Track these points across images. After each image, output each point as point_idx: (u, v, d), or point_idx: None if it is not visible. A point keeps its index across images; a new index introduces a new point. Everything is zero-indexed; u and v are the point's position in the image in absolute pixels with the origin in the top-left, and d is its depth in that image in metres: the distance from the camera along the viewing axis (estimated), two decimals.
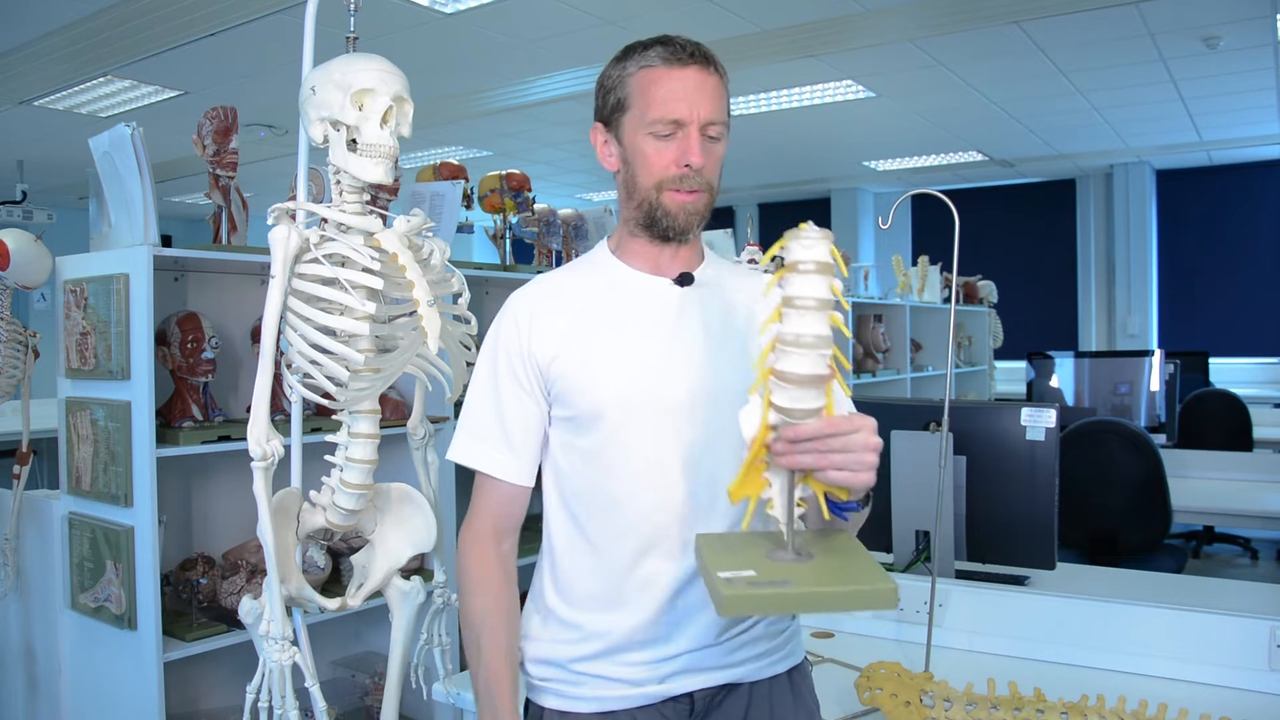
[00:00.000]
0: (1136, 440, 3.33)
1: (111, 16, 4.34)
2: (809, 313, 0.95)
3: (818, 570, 1.02)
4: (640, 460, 1.20)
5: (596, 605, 1.23)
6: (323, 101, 1.34)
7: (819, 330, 0.95)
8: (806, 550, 1.05)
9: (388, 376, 1.45)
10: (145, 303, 2.01)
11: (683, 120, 1.18)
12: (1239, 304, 8.27)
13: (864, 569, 1.02)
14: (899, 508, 2.12)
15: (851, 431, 0.97)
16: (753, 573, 1.00)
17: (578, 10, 4.35)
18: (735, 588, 0.97)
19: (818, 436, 0.96)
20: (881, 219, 1.63)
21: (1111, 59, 5.30)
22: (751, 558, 1.04)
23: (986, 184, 9.22)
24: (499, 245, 3.15)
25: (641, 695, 1.22)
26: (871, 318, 5.52)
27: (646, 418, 1.19)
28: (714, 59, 1.23)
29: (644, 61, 1.21)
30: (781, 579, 0.98)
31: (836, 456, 0.97)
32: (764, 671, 1.27)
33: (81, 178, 2.52)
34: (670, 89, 1.19)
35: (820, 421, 0.97)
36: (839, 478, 0.98)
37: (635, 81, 1.21)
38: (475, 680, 1.23)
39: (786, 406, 0.97)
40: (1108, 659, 1.75)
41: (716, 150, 1.22)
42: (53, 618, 2.33)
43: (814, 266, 0.96)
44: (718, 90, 1.22)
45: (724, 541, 1.11)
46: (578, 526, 1.24)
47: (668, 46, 1.21)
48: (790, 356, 0.96)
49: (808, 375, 0.96)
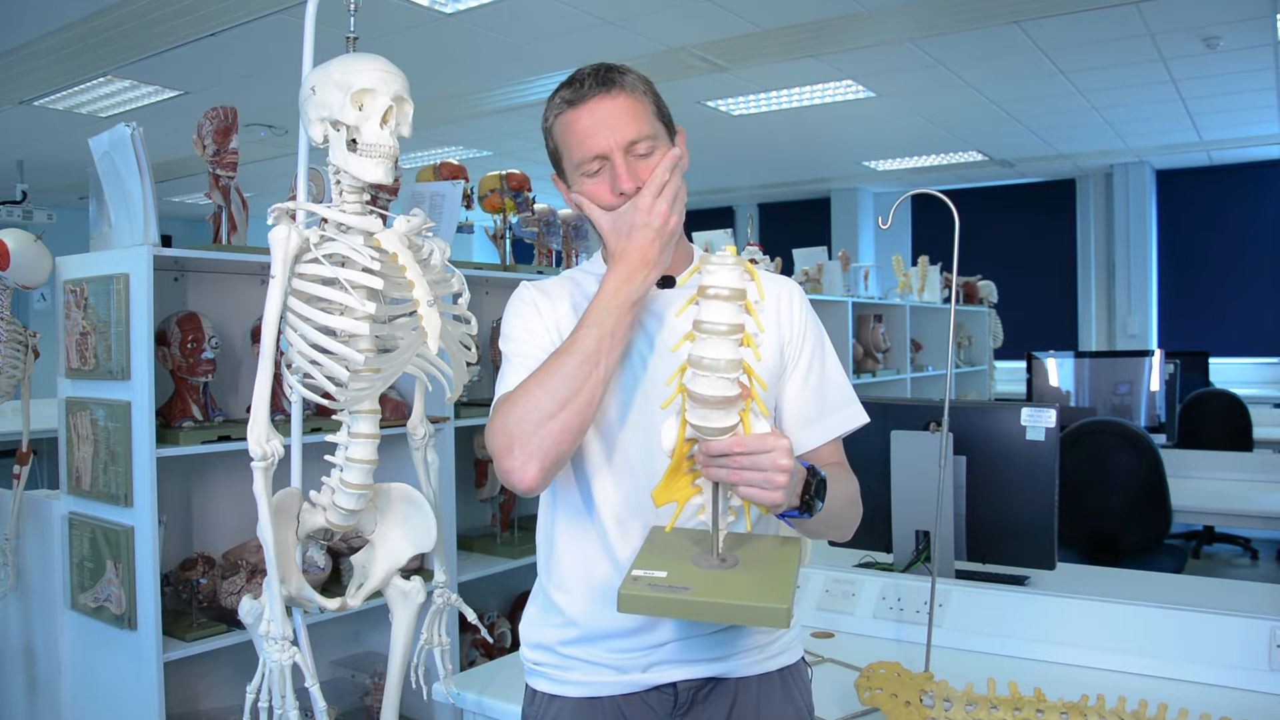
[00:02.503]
0: (1136, 440, 3.33)
1: (111, 16, 4.34)
2: (717, 338, 1.01)
3: (724, 581, 1.05)
4: (618, 456, 1.22)
5: (584, 590, 1.25)
6: (323, 101, 1.34)
7: (728, 355, 1.01)
8: (735, 558, 1.09)
9: (388, 376, 1.45)
10: (145, 303, 2.01)
11: (603, 152, 1.20)
12: (1239, 304, 8.26)
13: (771, 586, 1.04)
14: (899, 508, 2.12)
15: (761, 452, 1.01)
16: (664, 574, 1.04)
17: (577, 10, 4.35)
18: (634, 587, 1.02)
19: (729, 454, 1.02)
20: (881, 219, 1.63)
21: (1111, 59, 5.30)
22: (678, 559, 1.08)
23: (986, 184, 9.22)
24: (499, 245, 3.15)
25: (626, 683, 1.24)
26: (871, 318, 5.52)
27: (624, 412, 1.22)
28: (615, 78, 1.22)
29: (556, 110, 1.25)
30: (684, 585, 1.02)
31: (747, 474, 1.02)
32: (752, 668, 1.27)
33: (81, 178, 2.52)
34: (582, 127, 1.21)
35: (731, 439, 1.02)
36: (750, 494, 1.03)
37: (557, 131, 1.25)
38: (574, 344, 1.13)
39: (698, 424, 1.03)
40: (1108, 659, 1.75)
41: (653, 162, 1.21)
42: (53, 618, 2.33)
43: (726, 293, 1.01)
44: (629, 108, 1.21)
45: (668, 539, 1.14)
46: (565, 514, 1.27)
47: (570, 87, 1.24)
48: (700, 379, 1.01)
49: (716, 397, 1.01)
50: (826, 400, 1.30)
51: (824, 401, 1.29)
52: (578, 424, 1.11)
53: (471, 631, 2.91)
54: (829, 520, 1.20)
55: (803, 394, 1.29)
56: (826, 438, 1.29)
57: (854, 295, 5.38)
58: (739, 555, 1.10)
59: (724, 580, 1.04)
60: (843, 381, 1.33)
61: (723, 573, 1.06)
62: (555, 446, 1.10)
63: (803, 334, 1.30)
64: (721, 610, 1.02)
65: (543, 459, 1.10)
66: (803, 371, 1.29)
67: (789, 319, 1.29)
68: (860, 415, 1.32)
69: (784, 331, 1.29)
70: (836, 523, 1.24)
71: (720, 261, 1.01)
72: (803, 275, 5.23)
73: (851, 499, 1.27)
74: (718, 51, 4.93)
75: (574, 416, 1.10)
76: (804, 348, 1.30)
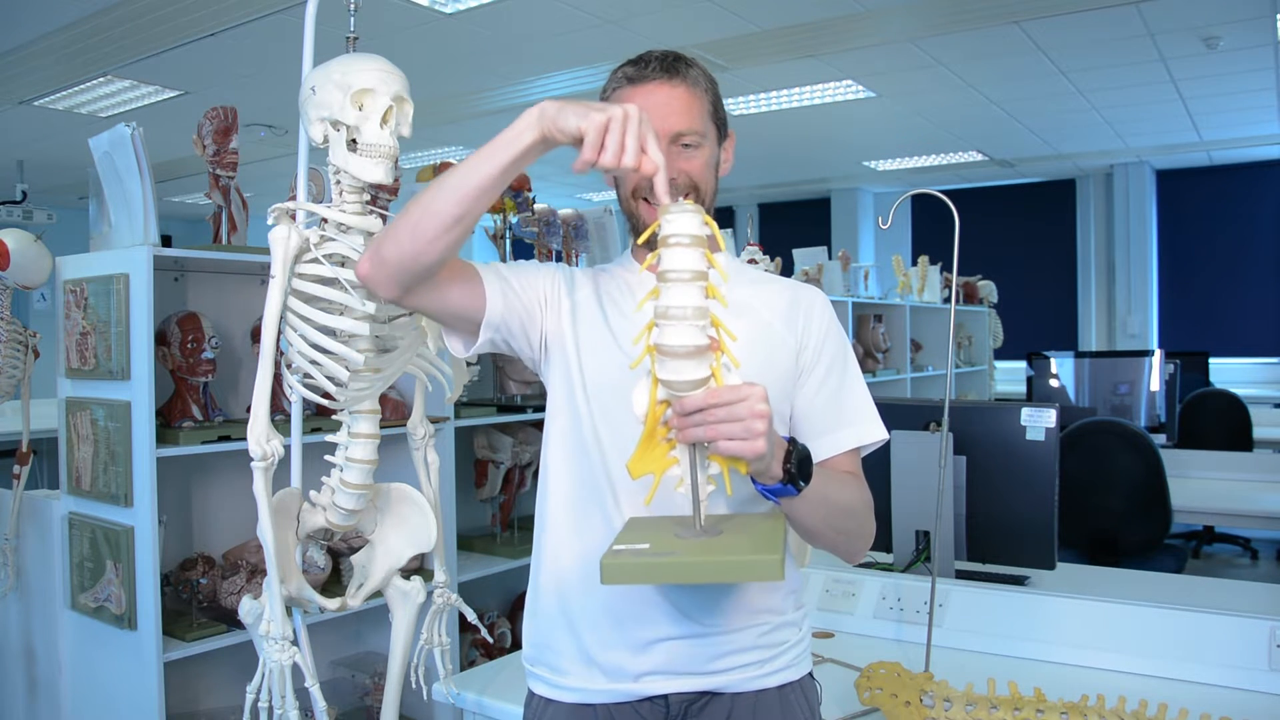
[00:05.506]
0: (1136, 440, 3.33)
1: (111, 16, 4.34)
2: (682, 284, 0.98)
3: (710, 544, 1.02)
4: (625, 443, 1.19)
5: (577, 582, 1.24)
6: (323, 101, 1.34)
7: (694, 301, 0.98)
8: (717, 530, 1.06)
9: (388, 377, 1.45)
10: (145, 303, 2.00)
11: None
12: (1239, 304, 8.26)
13: (757, 543, 1.02)
14: (899, 508, 2.12)
15: (737, 400, 0.98)
16: (647, 546, 1.01)
17: (577, 10, 4.35)
18: (617, 557, 0.99)
19: (705, 407, 0.98)
20: (881, 219, 1.63)
21: (1111, 59, 5.30)
22: (659, 534, 1.05)
23: (986, 184, 9.22)
24: (499, 245, 3.15)
25: (619, 691, 1.22)
26: (871, 318, 5.52)
27: (624, 402, 1.18)
28: (681, 69, 1.24)
29: (615, 83, 1.26)
30: (669, 550, 1.00)
31: (724, 426, 0.98)
32: (750, 684, 1.23)
33: (81, 178, 2.52)
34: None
35: (706, 392, 0.99)
36: (731, 448, 0.99)
37: (613, 103, 1.23)
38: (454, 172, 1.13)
39: (670, 379, 0.99)
40: (1108, 659, 1.75)
41: (696, 158, 1.23)
42: (53, 618, 2.33)
43: (686, 240, 0.99)
44: (686, 100, 1.23)
45: (648, 523, 1.12)
46: (561, 507, 1.26)
47: (634, 65, 1.24)
48: (668, 329, 0.98)
49: (687, 346, 0.98)
50: (844, 411, 1.26)
51: (841, 413, 1.26)
52: (417, 222, 1.10)
53: (471, 631, 2.91)
54: (828, 518, 1.16)
55: (816, 401, 1.25)
56: (839, 449, 1.25)
57: (854, 295, 5.38)
58: (722, 527, 1.06)
59: (709, 544, 1.02)
60: (864, 397, 1.28)
61: (707, 540, 1.03)
62: (392, 236, 1.12)
63: (822, 341, 1.27)
64: (711, 569, 1.00)
65: (376, 247, 1.14)
66: (819, 378, 1.26)
67: (807, 323, 1.27)
68: (879, 432, 1.27)
69: (802, 336, 1.26)
70: (839, 524, 1.20)
71: (679, 210, 1.00)
72: (803, 275, 5.23)
73: (853, 505, 1.22)
74: (718, 51, 4.93)
75: (416, 215, 1.11)
76: (822, 354, 1.26)
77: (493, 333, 1.23)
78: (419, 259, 1.12)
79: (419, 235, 1.10)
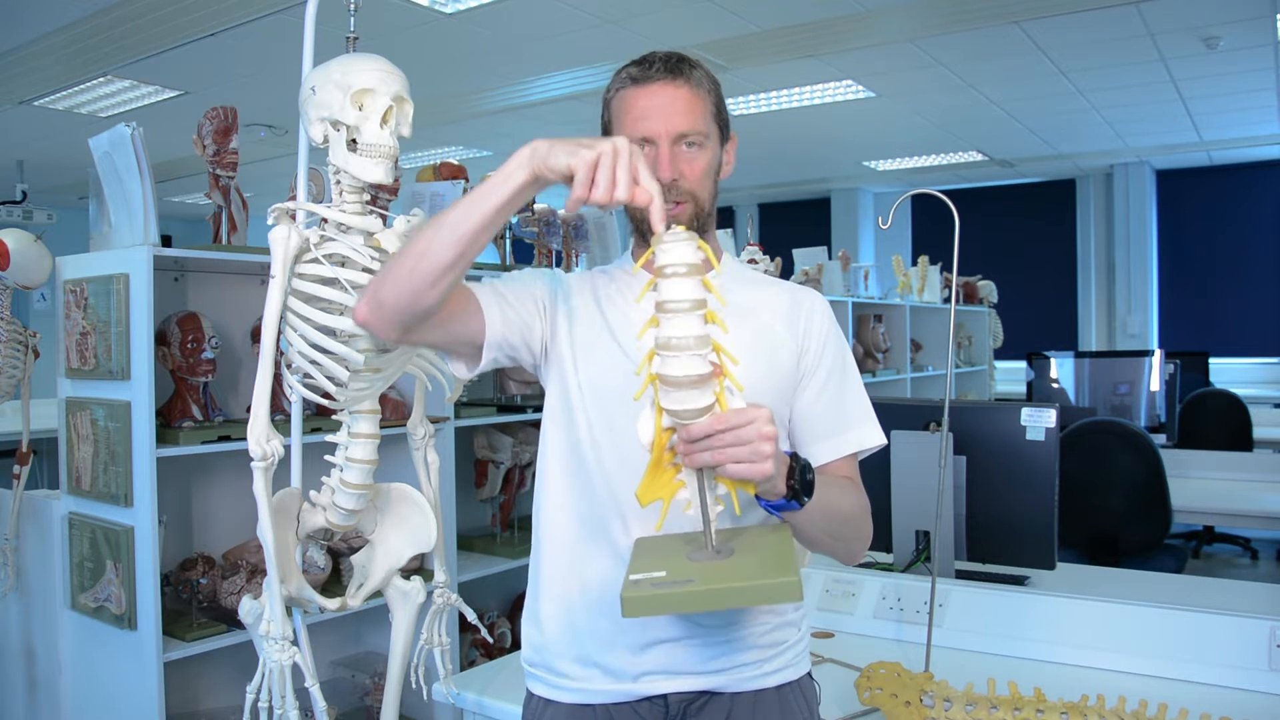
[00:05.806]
0: (1136, 440, 3.33)
1: (111, 16, 4.34)
2: (682, 315, 0.98)
3: (726, 567, 1.02)
4: (623, 446, 1.20)
5: (576, 584, 1.24)
6: (323, 101, 1.34)
7: (694, 331, 0.98)
8: (729, 549, 1.06)
9: (388, 377, 1.45)
10: (145, 303, 2.00)
11: (651, 137, 1.21)
12: (1239, 304, 8.26)
13: (774, 564, 1.02)
14: (899, 508, 2.12)
15: (743, 424, 0.98)
16: (663, 573, 1.01)
17: (577, 10, 4.35)
18: (637, 589, 0.98)
19: (711, 434, 0.99)
20: (881, 219, 1.63)
21: (1111, 59, 5.30)
22: (672, 558, 1.05)
23: (986, 184, 9.21)
24: (499, 245, 3.15)
25: (618, 691, 1.22)
26: (871, 318, 5.52)
27: (624, 405, 1.19)
28: (685, 70, 1.24)
29: (618, 83, 1.26)
30: (687, 578, 1.00)
31: (732, 450, 0.99)
32: (749, 684, 1.24)
33: (81, 178, 2.52)
34: (640, 108, 1.22)
35: (711, 418, 0.99)
36: (739, 470, 1.00)
37: (615, 103, 1.26)
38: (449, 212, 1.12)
39: (675, 409, 1.00)
40: (1108, 659, 1.75)
41: (699, 159, 1.23)
42: (53, 618, 2.33)
43: (683, 269, 0.99)
44: (690, 100, 1.23)
45: (657, 544, 1.11)
46: (558, 509, 1.26)
47: (639, 65, 1.25)
48: (670, 360, 0.99)
49: (690, 376, 0.98)
50: (844, 416, 1.27)
51: (841, 417, 1.26)
52: (414, 266, 1.10)
53: (471, 631, 2.91)
54: (828, 526, 1.17)
55: (816, 406, 1.26)
56: (839, 453, 1.26)
57: (854, 295, 5.38)
58: (733, 545, 1.07)
59: (725, 567, 1.02)
60: (863, 402, 1.29)
61: (721, 562, 1.04)
62: (390, 280, 1.12)
63: (822, 345, 1.27)
64: (731, 594, 1.00)
65: (374, 291, 1.14)
66: (820, 383, 1.26)
67: (807, 328, 1.27)
68: (877, 436, 1.28)
69: (803, 340, 1.26)
70: (838, 531, 1.21)
71: (673, 239, 1.00)
72: (803, 275, 5.23)
73: (852, 512, 1.23)
74: (718, 51, 4.93)
75: (413, 258, 1.10)
76: (823, 359, 1.27)
77: (496, 351, 1.23)
78: (418, 302, 1.12)
79: (417, 279, 1.10)
